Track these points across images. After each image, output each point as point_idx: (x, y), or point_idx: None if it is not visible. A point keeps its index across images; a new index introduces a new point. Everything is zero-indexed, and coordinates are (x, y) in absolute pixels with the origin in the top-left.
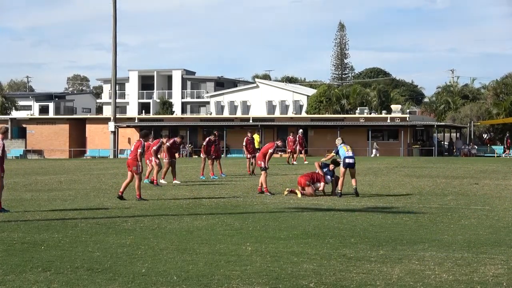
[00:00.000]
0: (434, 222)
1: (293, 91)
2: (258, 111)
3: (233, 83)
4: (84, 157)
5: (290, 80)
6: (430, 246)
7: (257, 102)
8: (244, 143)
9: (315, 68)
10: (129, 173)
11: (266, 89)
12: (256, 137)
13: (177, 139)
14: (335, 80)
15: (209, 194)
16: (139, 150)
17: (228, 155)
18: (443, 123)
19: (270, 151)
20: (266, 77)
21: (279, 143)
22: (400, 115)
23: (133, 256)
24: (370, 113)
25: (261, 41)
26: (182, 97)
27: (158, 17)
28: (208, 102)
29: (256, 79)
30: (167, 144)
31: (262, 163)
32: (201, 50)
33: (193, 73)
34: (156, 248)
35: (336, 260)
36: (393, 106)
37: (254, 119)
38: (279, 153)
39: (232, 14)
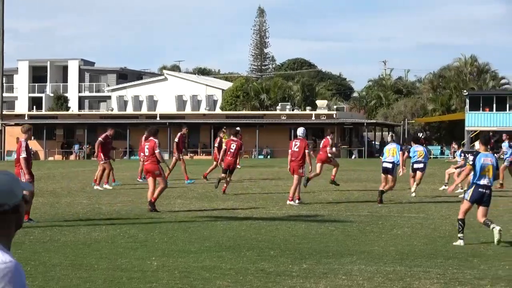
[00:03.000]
0: (363, 232)
1: (206, 85)
2: (166, 107)
3: (138, 75)
4: None
5: (203, 72)
6: (358, 258)
7: (165, 96)
8: (216, 144)
9: (231, 59)
10: None
11: (176, 82)
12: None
13: (109, 132)
14: (254, 72)
15: (110, 201)
16: None
17: (131, 157)
18: (374, 121)
19: (307, 151)
20: (175, 68)
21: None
22: (326, 111)
23: None
24: (293, 110)
25: (169, 28)
26: (79, 91)
27: (54, 1)
28: (109, 97)
29: (164, 71)
30: (100, 139)
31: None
32: (102, 38)
33: (92, 63)
34: (48, 264)
35: (253, 276)
36: (318, 102)
37: (162, 116)
38: (190, 154)
39: None
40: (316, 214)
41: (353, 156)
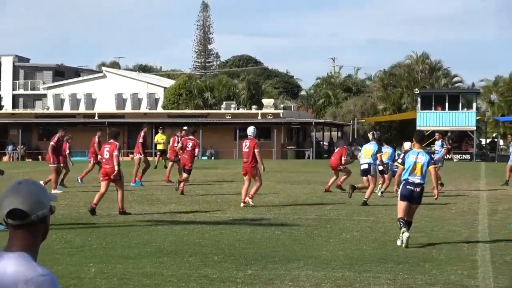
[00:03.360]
0: (311, 236)
1: (147, 82)
2: (105, 105)
3: (75, 72)
4: None
5: (144, 69)
6: (306, 264)
7: (104, 94)
8: (176, 144)
9: (173, 55)
10: None
11: (115, 79)
12: (159, 136)
13: (60, 134)
14: (197, 69)
15: None
16: None
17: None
18: (323, 120)
19: (256, 150)
20: (115, 65)
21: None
22: (272, 110)
23: None
24: (238, 108)
25: (109, 22)
26: (13, 89)
27: None
28: (45, 95)
29: (103, 68)
30: (52, 143)
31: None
32: (37, 33)
33: (27, 60)
34: None
35: (196, 282)
36: (264, 101)
37: (101, 115)
38: (131, 155)
39: None
40: (262, 217)
41: (306, 157)
